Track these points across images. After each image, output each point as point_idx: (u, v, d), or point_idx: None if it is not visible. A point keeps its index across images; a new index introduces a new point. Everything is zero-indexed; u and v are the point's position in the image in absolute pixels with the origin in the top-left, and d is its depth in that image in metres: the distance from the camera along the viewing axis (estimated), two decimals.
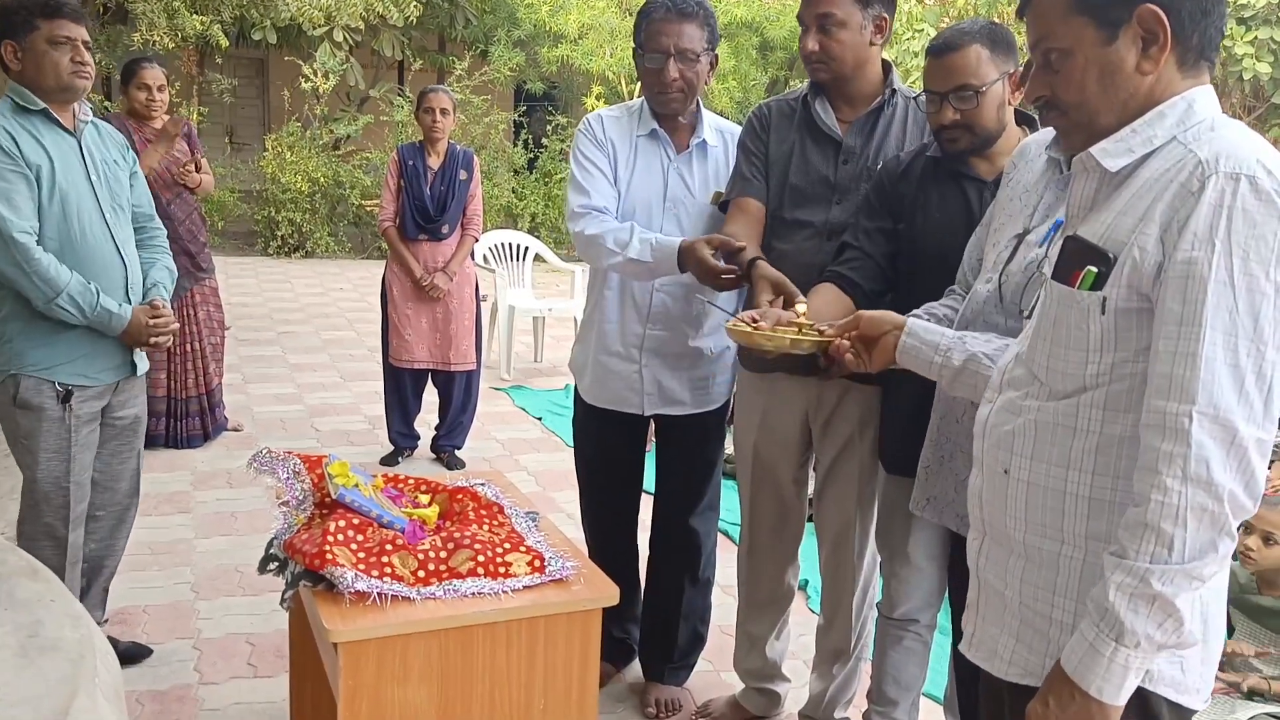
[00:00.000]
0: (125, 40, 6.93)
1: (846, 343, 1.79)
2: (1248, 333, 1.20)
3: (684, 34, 2.46)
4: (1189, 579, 1.22)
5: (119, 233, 2.63)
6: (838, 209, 2.34)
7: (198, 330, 4.81)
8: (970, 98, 2.04)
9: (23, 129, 2.48)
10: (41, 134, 2.51)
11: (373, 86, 13.07)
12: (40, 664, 1.52)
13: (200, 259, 4.78)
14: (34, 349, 2.53)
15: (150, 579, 3.46)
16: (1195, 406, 1.20)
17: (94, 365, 2.60)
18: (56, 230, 2.51)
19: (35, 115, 2.52)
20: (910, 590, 2.37)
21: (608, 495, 2.86)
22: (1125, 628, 1.23)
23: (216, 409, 4.99)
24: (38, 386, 2.53)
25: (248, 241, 12.17)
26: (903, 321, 1.77)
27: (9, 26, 2.48)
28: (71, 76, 2.50)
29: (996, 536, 1.46)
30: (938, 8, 11.60)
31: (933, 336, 1.74)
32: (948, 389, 1.77)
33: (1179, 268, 1.23)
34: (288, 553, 1.82)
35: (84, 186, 2.56)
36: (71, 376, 2.56)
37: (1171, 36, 1.28)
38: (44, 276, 2.43)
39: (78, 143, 2.59)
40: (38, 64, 2.48)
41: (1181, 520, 1.20)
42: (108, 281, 2.57)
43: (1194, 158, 1.26)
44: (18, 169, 2.44)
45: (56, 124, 2.55)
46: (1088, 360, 1.33)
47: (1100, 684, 1.25)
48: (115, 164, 2.69)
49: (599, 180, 2.56)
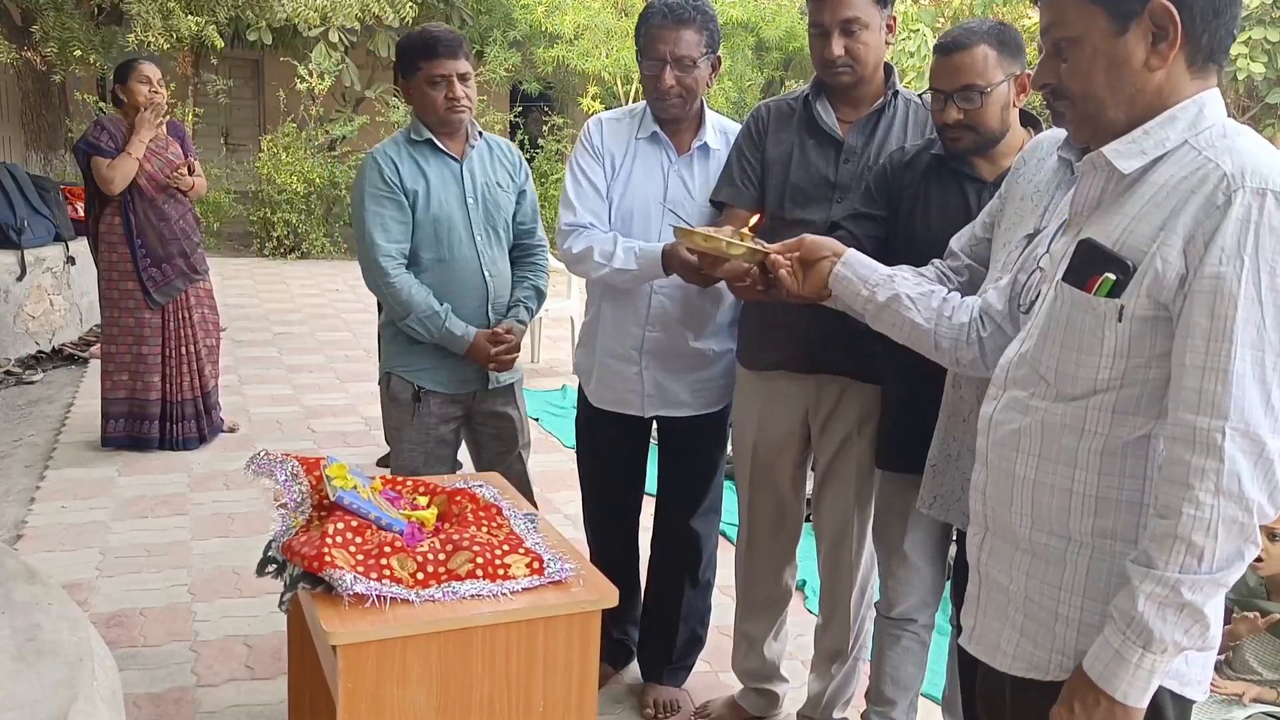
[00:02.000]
0: (120, 41, 6.90)
1: (783, 259, 1.84)
2: (1274, 348, 1.22)
3: (681, 41, 2.46)
4: (1216, 587, 1.24)
5: (486, 254, 2.82)
6: (839, 208, 2.35)
7: (193, 332, 4.80)
8: (975, 98, 2.04)
9: (409, 156, 2.73)
10: (427, 160, 2.75)
11: (368, 87, 13.07)
12: (38, 668, 1.52)
13: (195, 260, 4.78)
14: (401, 353, 2.82)
15: (147, 581, 3.46)
16: (1228, 422, 1.21)
17: (448, 374, 2.80)
18: (428, 249, 2.75)
19: (422, 144, 2.75)
20: (908, 590, 2.37)
21: (609, 497, 2.86)
22: (1154, 636, 1.24)
23: (212, 411, 4.98)
24: (402, 386, 2.80)
25: (243, 243, 12.16)
26: (843, 250, 1.82)
27: (402, 67, 2.73)
28: (447, 112, 2.70)
29: (1000, 532, 1.47)
30: (933, 8, 11.62)
31: (865, 271, 1.78)
32: (871, 324, 1.81)
33: (1206, 282, 1.23)
34: (286, 555, 1.82)
35: (458, 211, 2.76)
36: (428, 381, 2.80)
37: (1182, 34, 1.28)
38: (397, 299, 2.70)
39: (460, 167, 2.78)
40: (420, 101, 2.71)
41: (1213, 533, 1.22)
42: (468, 299, 2.78)
43: (1218, 170, 1.25)
44: (393, 196, 2.69)
45: (442, 152, 2.76)
46: (1100, 366, 1.33)
47: (1126, 689, 1.27)
48: (498, 186, 2.86)
49: (588, 195, 2.58)
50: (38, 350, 6.30)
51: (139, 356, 4.70)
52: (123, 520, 3.98)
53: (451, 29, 2.73)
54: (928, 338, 1.73)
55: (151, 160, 4.59)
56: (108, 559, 3.62)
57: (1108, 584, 1.35)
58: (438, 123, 2.72)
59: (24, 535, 3.80)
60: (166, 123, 4.76)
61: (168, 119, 4.79)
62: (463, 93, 2.69)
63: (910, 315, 1.73)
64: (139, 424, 4.74)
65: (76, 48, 6.05)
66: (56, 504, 4.11)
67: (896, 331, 1.77)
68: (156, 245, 4.64)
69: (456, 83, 2.67)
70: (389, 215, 2.69)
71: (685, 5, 2.46)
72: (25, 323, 6.35)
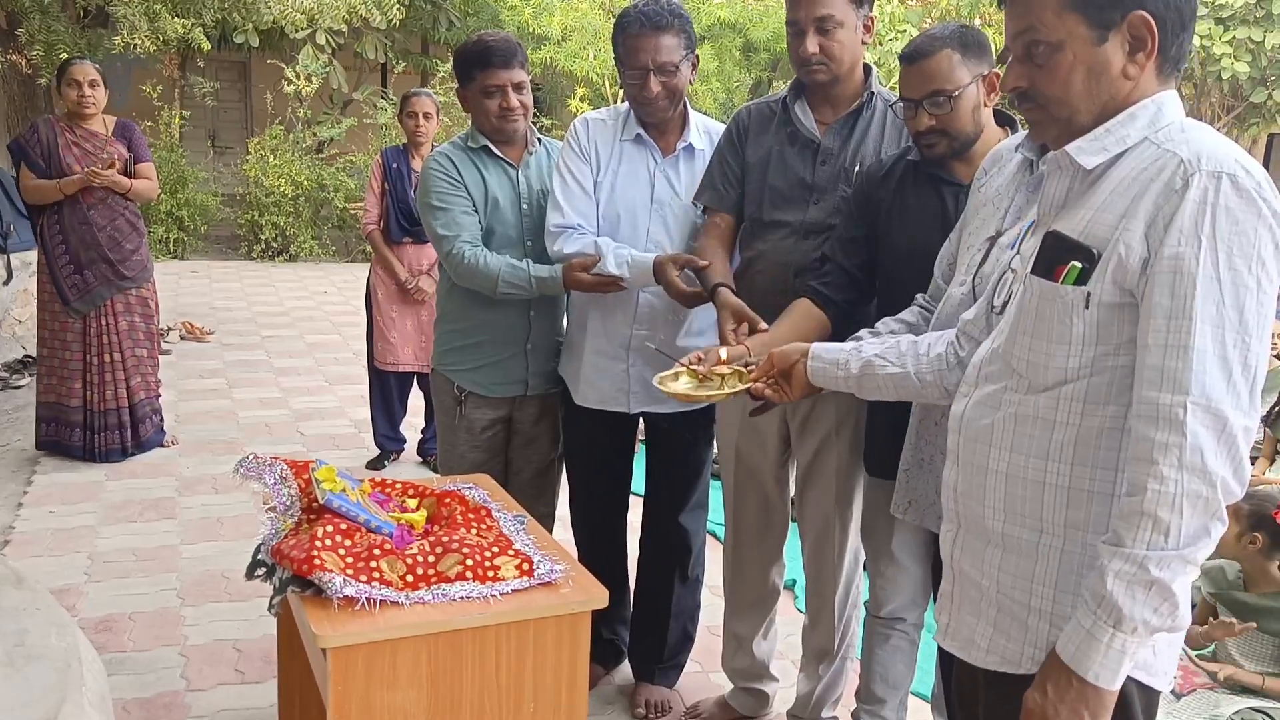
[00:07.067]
0: (106, 44, 6.85)
1: (761, 385, 1.94)
2: (1234, 325, 1.24)
3: (661, 47, 2.46)
4: (1184, 564, 1.25)
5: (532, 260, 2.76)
6: (815, 209, 2.36)
7: (116, 340, 4.62)
8: (943, 103, 2.05)
9: (469, 160, 2.74)
10: (486, 167, 2.75)
11: (356, 89, 13.04)
12: (26, 672, 1.51)
13: (124, 267, 4.58)
14: (447, 351, 2.85)
15: (135, 585, 3.45)
16: (1189, 397, 1.23)
17: (488, 377, 2.80)
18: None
19: (479, 150, 2.75)
20: (896, 589, 2.38)
21: (596, 496, 2.87)
22: (1124, 614, 1.25)
23: (141, 424, 4.76)
24: (446, 385, 2.84)
25: (231, 245, 12.12)
26: (806, 348, 1.90)
27: (459, 76, 2.74)
28: (500, 121, 2.70)
29: (972, 528, 1.49)
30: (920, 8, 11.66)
31: (833, 354, 1.86)
32: (861, 396, 1.87)
33: (1166, 263, 1.26)
34: (275, 558, 1.82)
35: (511, 218, 2.75)
36: (467, 382, 2.81)
37: (1157, 45, 1.32)
38: (482, 273, 2.62)
39: (517, 174, 2.77)
40: (476, 110, 2.72)
41: (1178, 507, 1.23)
42: (511, 304, 2.72)
43: (1175, 157, 1.29)
44: (458, 191, 2.69)
45: (499, 158, 2.76)
46: (1069, 354, 1.35)
47: (1098, 670, 1.28)
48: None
49: (576, 196, 2.58)
50: (24, 355, 6.27)
51: (63, 362, 4.59)
52: (111, 525, 3.96)
53: (508, 36, 2.71)
54: (909, 381, 1.77)
55: (84, 163, 4.44)
56: (96, 564, 3.60)
57: (1079, 576, 1.37)
58: (492, 131, 2.72)
59: (11, 541, 3.78)
60: (114, 123, 4.61)
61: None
62: (517, 102, 2.68)
63: (886, 370, 1.78)
64: (63, 430, 4.63)
65: (62, 51, 6.00)
66: (44, 509, 4.09)
67: (883, 392, 1.81)
68: (79, 250, 4.50)
69: (511, 92, 2.67)
70: (454, 207, 2.67)
71: (661, 11, 2.46)
72: (12, 327, 6.32)
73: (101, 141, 4.53)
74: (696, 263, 2.39)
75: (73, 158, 4.46)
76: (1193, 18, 1.35)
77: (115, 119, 4.66)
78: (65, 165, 4.44)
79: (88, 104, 4.46)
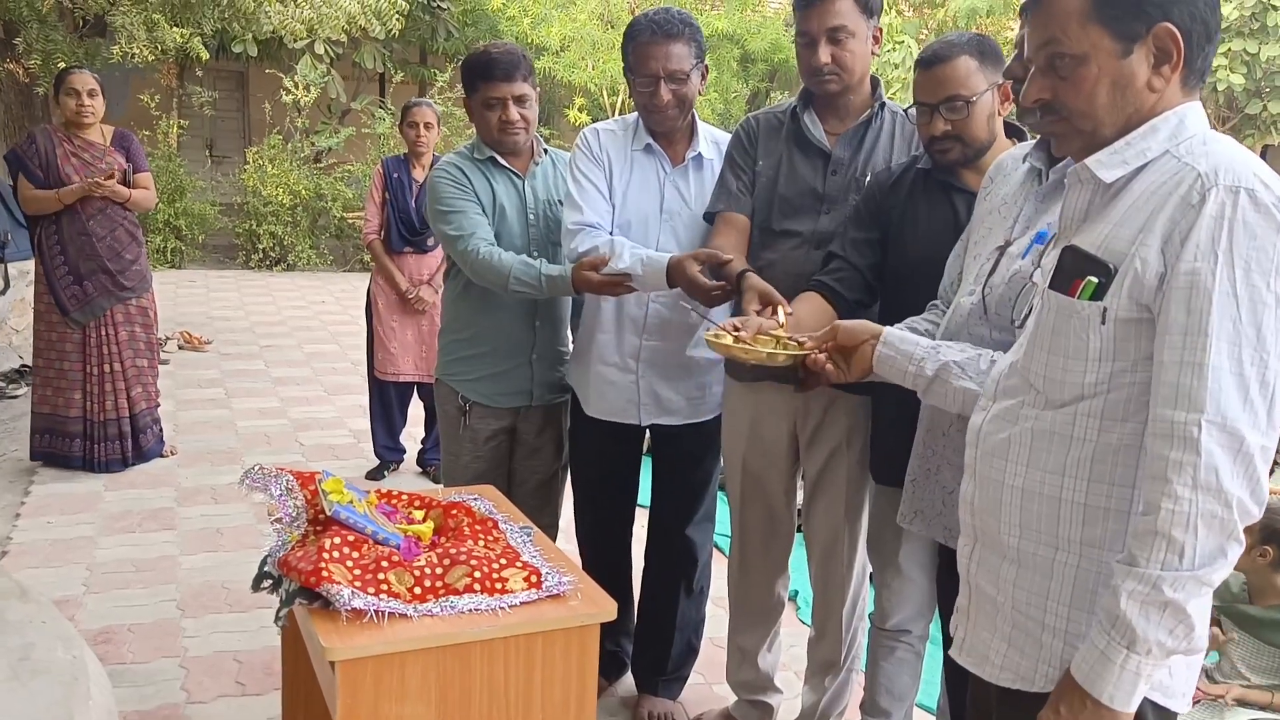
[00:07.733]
0: (104, 53, 6.85)
1: (824, 355, 1.84)
2: (1251, 342, 1.22)
3: (672, 55, 2.46)
4: (1199, 585, 1.23)
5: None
6: (826, 219, 2.36)
7: (117, 351, 4.61)
8: (961, 108, 2.05)
9: (477, 170, 2.74)
10: (492, 176, 2.75)
11: (354, 99, 13.05)
12: (32, 687, 1.50)
13: (123, 278, 4.58)
14: (451, 360, 2.83)
15: (134, 597, 3.43)
16: (1204, 415, 1.21)
17: (493, 387, 2.79)
18: None
19: (485, 160, 2.75)
20: (902, 601, 2.37)
21: (602, 507, 2.86)
22: (1137, 635, 1.24)
23: (142, 434, 4.75)
24: (450, 395, 2.82)
25: (229, 254, 12.10)
26: (880, 331, 1.82)
27: (465, 86, 2.73)
28: (500, 134, 2.70)
29: (989, 543, 1.48)
30: (918, 20, 11.71)
31: (908, 346, 1.78)
32: (922, 398, 1.81)
33: (1183, 279, 1.24)
34: (282, 570, 1.80)
35: (517, 228, 2.75)
36: (471, 392, 2.80)
37: (1183, 57, 1.30)
38: (494, 270, 2.57)
39: (523, 184, 2.77)
40: (478, 121, 2.72)
41: (1192, 527, 1.21)
42: (518, 314, 2.74)
43: (1193, 171, 1.28)
44: (467, 195, 2.69)
45: (505, 168, 2.76)
46: (1087, 370, 1.34)
47: (1112, 691, 1.26)
48: (560, 203, 2.77)
49: (593, 196, 2.56)
50: (21, 364, 6.24)
51: (61, 372, 4.58)
52: (109, 535, 3.94)
53: (513, 48, 2.69)
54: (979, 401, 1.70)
55: (82, 173, 4.43)
56: (95, 575, 3.58)
57: (1095, 594, 1.35)
58: (493, 143, 2.73)
59: (9, 552, 3.76)
60: (113, 133, 4.60)
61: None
62: (518, 115, 2.67)
63: (962, 384, 1.72)
64: (61, 441, 4.61)
65: (60, 60, 6.00)
66: (42, 519, 4.07)
67: (948, 402, 1.75)
68: (78, 261, 4.49)
69: (511, 105, 2.66)
70: (465, 208, 2.67)
71: (672, 19, 2.46)
72: (9, 336, 6.29)
73: (100, 151, 4.52)
74: (719, 257, 2.31)
75: (71, 168, 4.45)
76: (1218, 29, 1.33)
77: (113, 128, 4.65)
78: (64, 175, 4.43)
79: (86, 113, 4.45)
